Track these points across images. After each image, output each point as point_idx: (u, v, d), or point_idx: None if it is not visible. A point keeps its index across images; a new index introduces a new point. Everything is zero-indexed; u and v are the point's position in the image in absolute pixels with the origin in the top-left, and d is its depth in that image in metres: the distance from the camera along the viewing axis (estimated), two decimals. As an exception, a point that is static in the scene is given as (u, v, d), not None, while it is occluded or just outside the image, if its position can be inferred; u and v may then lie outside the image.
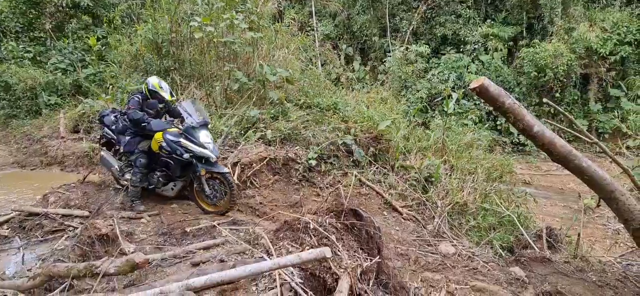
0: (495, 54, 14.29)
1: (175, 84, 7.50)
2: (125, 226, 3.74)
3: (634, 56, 12.73)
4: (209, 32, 6.90)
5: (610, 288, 3.17)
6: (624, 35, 12.58)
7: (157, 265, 2.84)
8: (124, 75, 8.84)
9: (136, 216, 4.12)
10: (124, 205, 4.45)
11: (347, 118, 6.31)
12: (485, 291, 2.95)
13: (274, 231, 3.09)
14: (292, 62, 8.12)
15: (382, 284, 2.61)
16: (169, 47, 7.82)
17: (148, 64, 8.28)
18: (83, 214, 4.03)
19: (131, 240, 3.50)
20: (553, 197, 8.74)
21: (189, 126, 4.24)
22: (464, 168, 6.08)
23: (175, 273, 2.71)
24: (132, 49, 8.93)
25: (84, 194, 4.74)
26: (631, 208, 3.08)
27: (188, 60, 7.84)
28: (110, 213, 4.09)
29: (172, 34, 7.74)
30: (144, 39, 8.20)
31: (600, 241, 5.52)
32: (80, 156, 7.34)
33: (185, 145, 4.17)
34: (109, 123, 4.77)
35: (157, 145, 4.33)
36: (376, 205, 5.01)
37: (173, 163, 4.28)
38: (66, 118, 8.67)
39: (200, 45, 7.76)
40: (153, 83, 4.47)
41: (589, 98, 13.45)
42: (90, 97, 9.02)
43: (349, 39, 17.00)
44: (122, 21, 11.65)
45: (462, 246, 4.04)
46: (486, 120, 13.03)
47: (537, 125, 3.15)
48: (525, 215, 5.39)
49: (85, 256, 3.04)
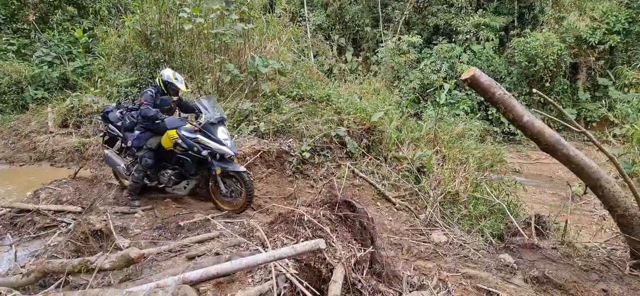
0: (487, 43, 14.39)
1: (165, 77, 7.40)
2: (119, 222, 3.73)
3: (622, 45, 12.93)
4: (199, 23, 6.80)
5: (595, 272, 3.28)
6: (612, 24, 12.75)
7: (152, 259, 2.85)
8: (113, 67, 8.69)
9: (130, 211, 4.11)
10: (117, 200, 4.43)
11: (340, 109, 6.33)
12: (476, 278, 3.03)
13: (268, 224, 3.12)
14: (284, 53, 8.07)
15: (376, 273, 2.66)
16: (158, 39, 7.70)
17: (137, 56, 8.14)
18: (76, 210, 4.01)
19: (125, 235, 3.50)
20: (542, 184, 8.92)
21: (207, 122, 4.10)
22: (455, 158, 6.17)
23: (170, 267, 2.72)
24: (120, 41, 8.76)
25: (75, 190, 4.70)
26: (616, 196, 3.18)
27: (178, 52, 7.74)
28: (103, 208, 4.07)
29: (161, 25, 7.61)
30: (132, 31, 8.05)
31: (587, 228, 5.68)
32: (71, 151, 7.23)
33: (203, 142, 4.05)
34: (114, 120, 4.59)
35: (170, 142, 4.18)
36: (369, 196, 5.07)
37: (189, 160, 4.16)
38: (54, 112, 8.50)
39: (190, 36, 7.65)
40: (168, 75, 4.31)
41: (578, 88, 13.66)
42: (79, 91, 8.86)
43: (341, 29, 16.92)
44: (109, 12, 11.40)
45: (454, 235, 4.12)
46: (478, 110, 13.17)
47: (526, 115, 3.21)
48: (515, 203, 5.50)
49: (79, 252, 3.03)
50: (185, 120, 4.28)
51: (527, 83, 13.54)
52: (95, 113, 7.49)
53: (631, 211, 3.17)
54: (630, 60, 12.72)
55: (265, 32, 7.99)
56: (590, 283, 3.08)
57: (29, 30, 11.80)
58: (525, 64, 13.23)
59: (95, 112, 7.51)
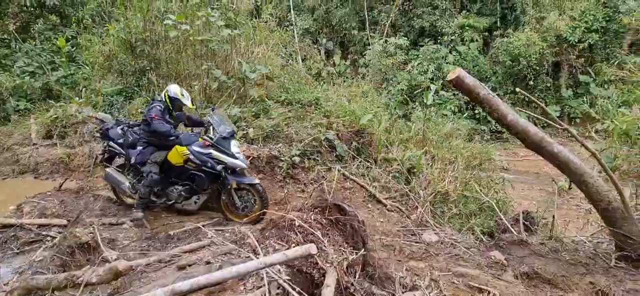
0: (472, 44, 14.66)
1: (151, 84, 7.31)
2: (107, 233, 3.64)
3: (601, 43, 13.34)
4: (185, 30, 6.75)
5: (582, 266, 3.35)
6: (591, 23, 13.15)
7: (141, 270, 2.79)
8: (98, 76, 8.53)
9: (118, 222, 4.03)
10: (104, 211, 4.33)
11: (329, 113, 6.35)
12: (467, 276, 3.07)
13: (260, 230, 3.10)
14: (271, 58, 8.06)
15: (369, 275, 2.67)
16: (143, 47, 7.60)
17: (122, 65, 8.02)
18: (61, 223, 3.90)
19: (114, 246, 3.43)
20: (529, 181, 9.10)
21: (220, 136, 4.07)
22: (444, 157, 6.24)
23: (160, 278, 2.67)
24: (104, 50, 8.61)
25: (61, 202, 4.58)
26: (599, 190, 3.26)
27: (164, 59, 7.65)
28: (90, 220, 3.97)
29: (146, 32, 7.52)
30: (117, 39, 7.92)
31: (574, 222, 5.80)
32: (56, 163, 7.05)
33: (217, 157, 4.02)
34: (116, 137, 4.44)
35: (180, 159, 4.09)
36: (361, 198, 5.09)
37: (204, 176, 4.10)
38: (37, 123, 8.29)
39: (176, 43, 7.57)
40: (175, 91, 4.19)
41: (561, 85, 14.02)
42: (63, 101, 8.67)
43: (328, 33, 17.01)
44: (92, 20, 11.20)
45: (445, 234, 4.16)
46: (465, 110, 13.39)
47: (511, 114, 3.28)
48: (503, 200, 5.60)
49: (66, 266, 2.95)
50: (198, 136, 4.21)
51: (512, 82, 13.83)
52: (80, 123, 7.34)
53: (614, 205, 3.25)
54: (609, 57, 13.13)
55: (252, 37, 7.97)
56: (578, 277, 3.14)
57: (10, 40, 11.51)
58: (509, 63, 13.52)
59: (80, 122, 7.36)
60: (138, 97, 7.52)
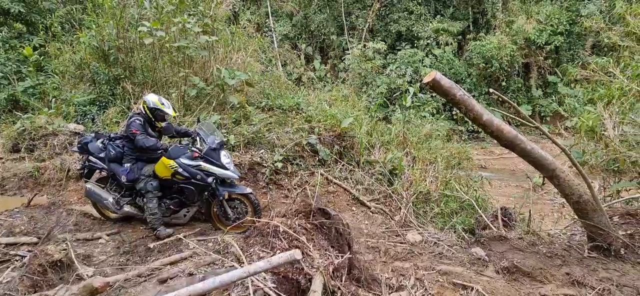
0: (447, 47, 15.12)
1: (126, 93, 7.08)
2: (82, 249, 3.48)
3: (566, 45, 14.09)
4: (160, 37, 6.59)
5: (558, 257, 3.49)
6: (556, 26, 13.86)
7: (120, 287, 2.68)
8: (69, 86, 8.18)
9: (93, 237, 3.85)
10: (79, 226, 4.14)
11: (310, 118, 6.34)
12: (451, 273, 3.13)
13: (244, 239, 3.04)
14: (251, 64, 7.99)
15: (355, 278, 2.67)
16: (116, 54, 7.36)
17: (95, 73, 7.74)
18: (31, 241, 3.70)
19: (89, 263, 3.28)
20: (506, 178, 9.42)
21: (209, 148, 3.93)
22: (425, 158, 6.37)
23: (140, 293, 2.58)
24: (75, 58, 8.28)
25: (30, 219, 4.35)
26: (570, 184, 3.41)
27: (139, 67, 7.44)
28: (63, 236, 3.78)
29: (120, 40, 7.29)
30: (88, 47, 7.64)
31: (549, 216, 6.05)
32: (24, 177, 6.67)
33: (207, 169, 3.88)
34: (96, 151, 4.19)
35: (167, 172, 3.92)
36: (345, 202, 5.10)
37: (192, 188, 3.96)
38: (3, 136, 7.85)
39: (151, 51, 7.38)
40: (154, 102, 4.02)
41: (531, 85, 14.67)
42: (31, 112, 8.25)
43: (307, 38, 17.09)
44: (62, 28, 10.76)
45: (428, 233, 4.24)
46: (443, 111, 13.73)
47: (485, 114, 3.38)
48: (482, 198, 5.76)
49: (37, 286, 2.78)
50: (187, 148, 4.05)
51: (486, 83, 14.35)
52: (50, 135, 7.01)
53: (585, 198, 3.41)
54: (574, 58, 13.87)
55: (231, 43, 7.89)
56: (555, 268, 3.27)
57: (-30, 50, 10.87)
58: (482, 65, 14.03)
59: (50, 134, 7.02)
60: (113, 107, 7.27)
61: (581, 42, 14.12)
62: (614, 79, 5.68)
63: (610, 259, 3.41)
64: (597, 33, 12.08)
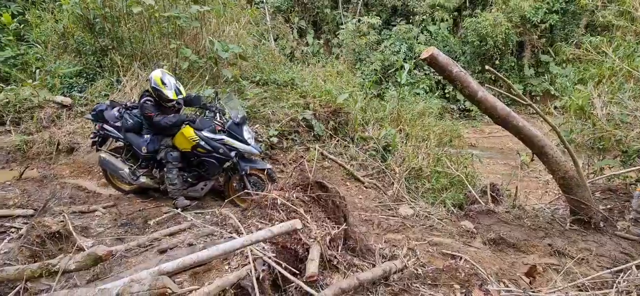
0: (442, 24, 14.97)
1: (115, 65, 6.89)
2: (79, 221, 3.50)
3: (560, 23, 14.08)
4: (149, 6, 6.36)
5: (542, 230, 3.67)
6: (552, 4, 13.80)
7: (121, 256, 2.73)
8: (53, 57, 7.89)
9: (89, 209, 3.87)
10: (74, 199, 4.14)
11: (305, 93, 6.32)
12: (441, 244, 3.27)
13: (241, 211, 3.10)
14: (243, 37, 7.81)
15: (350, 248, 2.77)
16: (103, 24, 7.09)
17: (80, 44, 7.46)
18: (26, 213, 3.69)
19: (87, 234, 3.31)
20: (495, 156, 9.63)
21: (232, 122, 3.90)
22: (417, 135, 6.46)
23: (141, 262, 2.63)
24: (58, 27, 7.93)
25: (23, 192, 4.32)
26: (558, 160, 3.54)
27: (127, 37, 7.19)
28: (59, 209, 3.79)
29: (105, 8, 6.98)
30: (72, 15, 7.31)
31: (534, 192, 6.27)
32: (11, 150, 6.56)
33: (230, 143, 3.86)
34: (111, 119, 4.08)
35: (188, 144, 3.85)
36: (339, 177, 5.19)
37: (215, 162, 3.93)
38: (-14, 109, 7.63)
39: (139, 21, 7.12)
40: (155, 80, 3.77)
41: (524, 64, 14.75)
42: (13, 84, 7.98)
43: (300, 11, 16.67)
44: (42, -6, 10.27)
45: (420, 208, 4.38)
46: (436, 89, 13.79)
47: (480, 91, 3.44)
48: (472, 174, 5.92)
49: (36, 256, 2.82)
50: (212, 121, 4.00)
51: (480, 61, 14.37)
52: (36, 108, 6.84)
53: (570, 173, 3.55)
54: (567, 37, 13.91)
55: (223, 14, 7.67)
56: (538, 240, 3.44)
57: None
58: (477, 43, 13.99)
59: (36, 106, 6.85)
60: (101, 79, 7.08)
61: (576, 21, 14.13)
62: (606, 59, 5.76)
63: (589, 232, 3.59)
64: (592, 12, 12.08)
